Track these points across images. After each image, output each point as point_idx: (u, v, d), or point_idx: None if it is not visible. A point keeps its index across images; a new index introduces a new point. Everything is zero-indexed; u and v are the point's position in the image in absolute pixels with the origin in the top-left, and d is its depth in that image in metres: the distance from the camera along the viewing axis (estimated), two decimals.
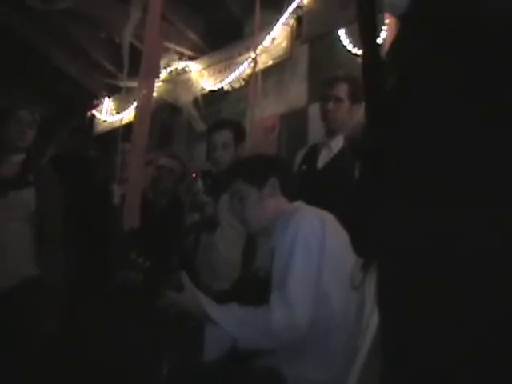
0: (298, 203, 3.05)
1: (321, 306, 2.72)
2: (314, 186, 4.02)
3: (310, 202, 3.20)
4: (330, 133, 4.24)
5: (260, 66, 6.37)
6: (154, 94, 4.69)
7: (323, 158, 4.23)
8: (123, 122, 8.01)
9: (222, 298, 3.10)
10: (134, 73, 5.22)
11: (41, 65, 8.27)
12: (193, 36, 7.64)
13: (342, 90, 4.17)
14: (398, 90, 1.36)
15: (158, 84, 6.88)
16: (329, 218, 2.91)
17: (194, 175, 4.56)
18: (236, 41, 7.20)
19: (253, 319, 2.73)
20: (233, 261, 4.04)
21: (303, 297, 2.69)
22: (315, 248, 2.75)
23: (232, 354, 2.76)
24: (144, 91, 4.20)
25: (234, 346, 2.76)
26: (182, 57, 7.84)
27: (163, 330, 4.01)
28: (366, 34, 1.46)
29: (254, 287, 2.94)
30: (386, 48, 1.49)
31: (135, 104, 7.10)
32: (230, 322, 2.73)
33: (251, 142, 5.23)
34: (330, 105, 4.17)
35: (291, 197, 3.06)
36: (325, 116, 4.24)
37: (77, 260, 4.20)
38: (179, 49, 7.77)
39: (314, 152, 4.34)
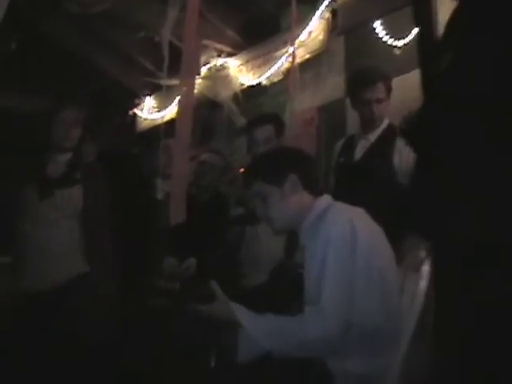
0: (326, 199, 3.01)
1: (360, 305, 2.74)
2: (351, 177, 4.08)
3: (348, 193, 3.24)
4: (370, 127, 4.29)
5: (297, 59, 6.42)
6: (195, 91, 4.77)
7: (360, 149, 4.28)
8: (165, 120, 8.11)
9: (260, 290, 3.17)
10: (173, 71, 5.29)
11: (82, 66, 8.39)
12: (230, 32, 7.70)
13: (380, 90, 4.20)
14: (453, 69, 1.40)
15: (197, 81, 6.94)
16: (359, 217, 2.88)
17: (241, 170, 4.59)
18: (273, 36, 7.24)
19: (286, 330, 2.74)
20: (275, 254, 4.10)
21: (337, 308, 2.70)
22: (347, 255, 2.74)
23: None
24: (185, 88, 4.27)
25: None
26: (220, 53, 7.91)
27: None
28: (420, 14, 1.50)
29: (291, 282, 2.94)
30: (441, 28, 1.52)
31: (176, 101, 7.24)
32: (261, 333, 2.73)
33: (291, 134, 5.28)
34: (373, 107, 4.22)
35: (315, 191, 3.02)
36: (365, 116, 4.28)
37: (123, 256, 4.28)
38: (217, 46, 7.84)
39: (351, 143, 4.39)
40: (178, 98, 5.81)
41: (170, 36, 5.23)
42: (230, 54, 7.88)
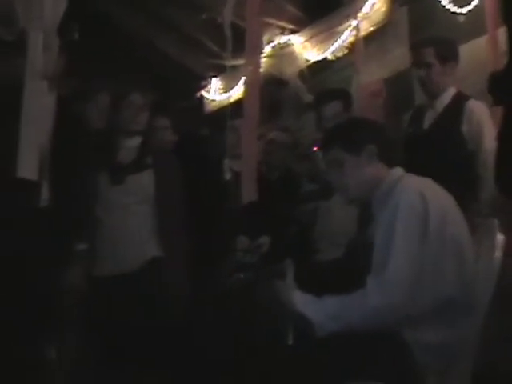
0: (397, 171, 3.04)
1: (433, 275, 2.75)
2: (421, 148, 4.06)
3: (418, 163, 3.23)
4: (431, 95, 4.27)
5: (361, 32, 6.40)
6: (260, 70, 4.79)
7: (429, 119, 4.26)
8: (232, 100, 8.15)
9: (335, 265, 3.19)
10: (238, 51, 5.31)
11: (146, 50, 8.46)
12: (292, 9, 7.67)
13: (429, 53, 4.18)
14: None
15: (263, 59, 6.95)
16: (429, 187, 2.89)
17: (315, 148, 4.61)
18: (335, 10, 7.21)
19: (347, 309, 2.76)
20: (348, 228, 4.11)
21: (403, 279, 2.71)
22: (416, 223, 2.75)
23: None
24: (250, 67, 4.28)
25: None
26: (283, 31, 7.90)
27: None
28: None
29: (365, 255, 2.96)
30: None
31: (242, 81, 7.26)
32: (323, 318, 2.77)
33: (359, 107, 5.27)
34: (422, 71, 4.20)
35: (390, 163, 3.05)
36: (420, 82, 4.27)
37: (195, 239, 4.32)
38: (280, 23, 7.82)
39: (419, 113, 4.37)
40: (243, 77, 5.84)
41: (232, 16, 5.24)
42: (293, 31, 7.86)
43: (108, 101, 4.48)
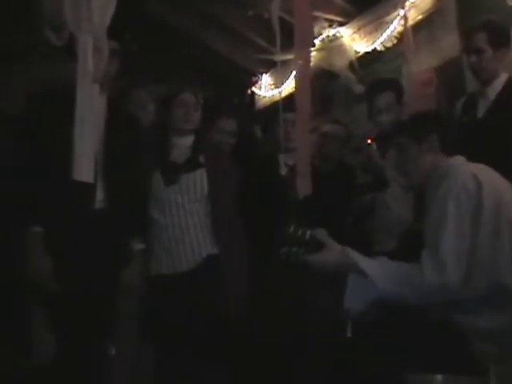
0: (456, 159, 3.09)
1: (486, 259, 2.76)
2: (476, 136, 4.02)
3: (474, 151, 3.22)
4: (483, 82, 4.22)
5: (410, 21, 6.34)
6: (310, 63, 4.78)
7: (482, 107, 4.21)
8: (283, 95, 8.15)
9: (392, 256, 3.19)
10: (286, 46, 5.30)
11: (196, 48, 8.50)
12: (340, 1, 7.65)
13: (481, 39, 4.12)
14: None
15: (312, 53, 6.94)
16: (484, 172, 2.92)
17: (369, 140, 4.61)
18: (382, 0, 7.17)
19: (405, 276, 2.79)
20: (404, 218, 4.10)
21: (455, 257, 2.73)
22: (469, 208, 2.78)
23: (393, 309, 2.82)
24: (301, 62, 4.28)
25: (378, 299, 2.82)
26: (331, 24, 7.87)
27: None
28: None
29: (421, 244, 2.96)
30: None
31: (293, 76, 7.26)
32: (380, 275, 2.80)
33: (410, 97, 5.23)
34: (473, 57, 4.15)
35: (449, 152, 3.12)
36: (472, 68, 4.22)
37: (251, 235, 4.33)
38: (328, 16, 7.81)
39: (472, 101, 4.33)
40: (294, 72, 5.83)
41: (280, 11, 5.24)
42: (341, 24, 7.83)
43: (160, 101, 4.53)
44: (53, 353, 3.78)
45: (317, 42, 7.90)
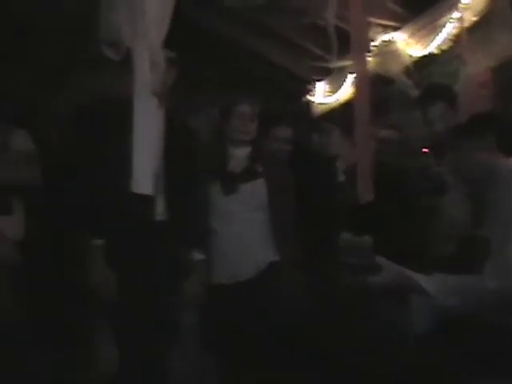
0: None
1: None
2: None
3: None
4: None
5: (464, 23, 6.28)
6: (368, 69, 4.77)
7: None
8: (340, 102, 8.13)
9: (450, 261, 3.16)
10: (341, 52, 5.29)
11: (251, 59, 8.50)
12: (393, 6, 7.60)
13: None
14: None
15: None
16: None
17: (425, 150, 4.59)
18: (436, 3, 7.10)
19: (465, 288, 2.74)
20: (463, 223, 4.06)
21: None
22: None
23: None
24: (358, 68, 4.28)
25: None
26: (385, 29, 7.82)
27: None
28: None
29: (480, 250, 2.93)
30: None
31: (348, 82, 7.25)
32: (441, 292, 2.75)
33: (467, 99, 5.19)
34: None
35: (508, 153, 3.07)
36: None
37: (310, 242, 4.34)
38: (381, 21, 7.76)
39: None
40: (350, 79, 5.82)
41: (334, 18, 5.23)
42: (395, 28, 7.77)
43: (216, 112, 4.56)
44: (116, 365, 3.82)
45: (371, 47, 7.86)
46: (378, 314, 4.28)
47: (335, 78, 8.50)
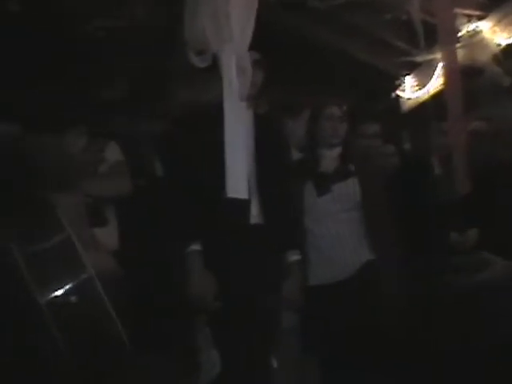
0: None
1: None
2: None
3: None
4: None
5: None
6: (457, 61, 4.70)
7: None
8: (428, 96, 8.05)
9: None
10: (427, 46, 5.24)
11: (338, 59, 8.49)
12: None
13: None
14: None
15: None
16: None
17: None
18: None
19: None
20: None
21: None
22: None
23: None
24: (447, 60, 4.24)
25: None
26: (470, 19, 7.73)
27: None
28: None
29: None
30: None
31: (436, 75, 7.18)
32: None
33: None
34: None
35: None
36: None
37: (406, 238, 4.30)
38: (466, 11, 7.67)
39: None
40: (437, 71, 5.76)
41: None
42: (479, 18, 7.67)
43: (307, 114, 4.56)
44: (219, 368, 3.85)
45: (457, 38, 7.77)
46: (491, 312, 4.22)
47: (423, 72, 8.42)
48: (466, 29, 7.77)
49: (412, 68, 8.84)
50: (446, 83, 4.22)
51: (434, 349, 4.23)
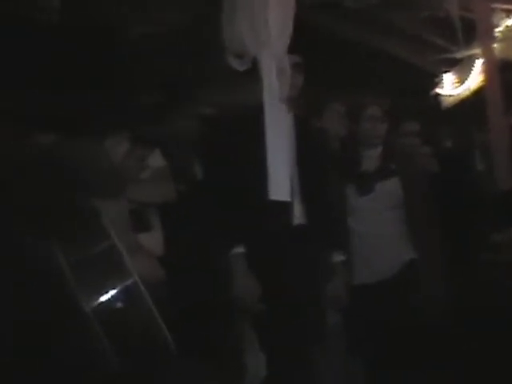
0: None
1: None
2: None
3: None
4: None
5: None
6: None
7: None
8: (468, 92, 8.00)
9: None
10: (465, 42, 5.22)
11: (376, 58, 8.47)
12: None
13: None
14: None
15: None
16: None
17: None
18: None
19: None
20: None
21: None
22: None
23: None
24: (486, 55, 4.22)
25: None
26: (508, 14, 7.67)
27: None
28: None
29: None
30: None
31: (476, 71, 7.13)
32: None
33: None
34: None
35: None
36: None
37: (448, 236, 4.28)
38: (504, 6, 7.61)
39: None
40: (476, 67, 5.73)
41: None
42: None
43: (346, 115, 4.56)
44: (265, 370, 3.86)
45: (496, 33, 7.71)
46: None
47: (462, 69, 8.37)
48: (504, 23, 7.72)
49: (451, 65, 8.79)
50: (485, 79, 4.20)
51: (473, 349, 4.22)
